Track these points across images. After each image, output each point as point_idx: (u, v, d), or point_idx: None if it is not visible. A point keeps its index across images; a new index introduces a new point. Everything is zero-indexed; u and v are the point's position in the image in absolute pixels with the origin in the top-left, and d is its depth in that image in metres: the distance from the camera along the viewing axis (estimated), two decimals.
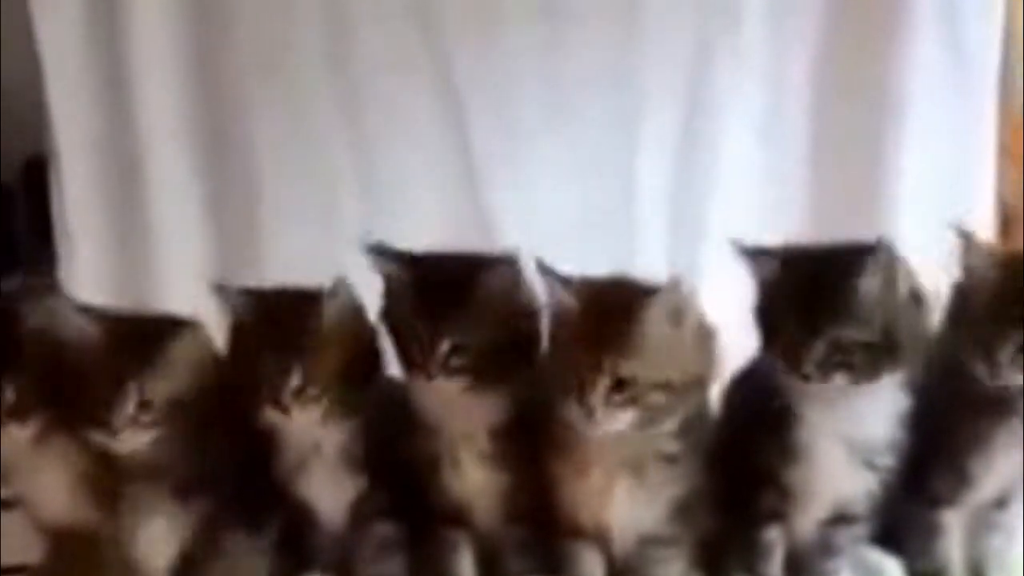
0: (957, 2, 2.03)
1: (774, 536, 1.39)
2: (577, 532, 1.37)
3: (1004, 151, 2.21)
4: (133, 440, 1.30)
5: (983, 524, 1.43)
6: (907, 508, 1.41)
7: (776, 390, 1.29)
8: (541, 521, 1.39)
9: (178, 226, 2.09)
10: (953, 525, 1.41)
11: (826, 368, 1.23)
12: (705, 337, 1.29)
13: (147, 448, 1.32)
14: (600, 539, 1.38)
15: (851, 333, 1.22)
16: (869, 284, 1.22)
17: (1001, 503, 1.42)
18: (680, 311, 1.24)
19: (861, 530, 1.39)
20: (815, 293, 1.23)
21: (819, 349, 1.22)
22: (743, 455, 1.36)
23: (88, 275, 2.06)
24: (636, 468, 1.31)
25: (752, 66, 2.08)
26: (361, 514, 1.42)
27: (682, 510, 1.35)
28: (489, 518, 1.41)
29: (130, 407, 1.28)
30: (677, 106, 2.09)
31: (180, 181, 2.08)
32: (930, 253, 1.32)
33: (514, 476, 1.37)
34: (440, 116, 2.06)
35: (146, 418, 1.29)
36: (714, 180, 2.11)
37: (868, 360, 1.23)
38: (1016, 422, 1.33)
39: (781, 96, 2.10)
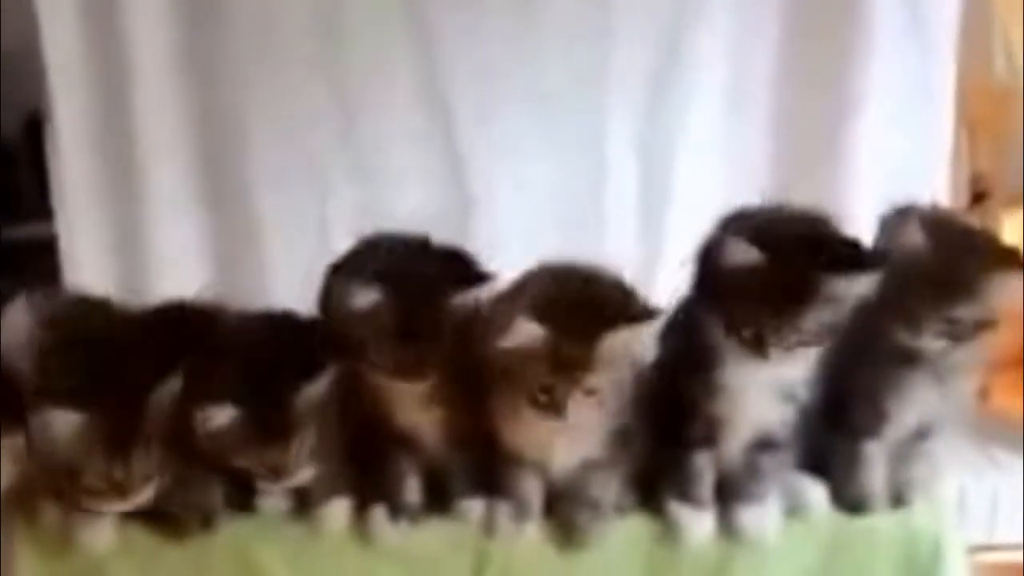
0: None
1: (704, 461, 1.45)
2: (518, 458, 1.44)
3: (978, 125, 2.26)
4: None
5: (906, 454, 1.49)
6: (832, 439, 1.47)
7: (703, 341, 1.36)
8: (484, 445, 1.44)
9: (170, 186, 2.17)
10: (875, 455, 1.47)
11: (788, 347, 1.29)
12: None
13: None
14: (539, 467, 1.44)
15: (821, 322, 1.28)
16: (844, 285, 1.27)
17: (923, 434, 1.48)
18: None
19: (785, 456, 1.45)
20: (791, 285, 1.27)
21: (791, 340, 1.28)
22: (674, 390, 1.41)
23: (84, 231, 2.15)
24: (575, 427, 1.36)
25: (718, 38, 2.15)
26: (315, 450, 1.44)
27: (618, 437, 1.41)
28: (434, 443, 1.46)
29: None
30: (646, 75, 2.16)
31: (173, 143, 2.15)
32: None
33: (453, 411, 1.42)
34: (423, 98, 2.15)
35: None
36: (680, 149, 2.18)
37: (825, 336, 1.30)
38: (924, 372, 1.39)
39: (746, 68, 2.16)
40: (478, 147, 2.14)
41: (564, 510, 1.46)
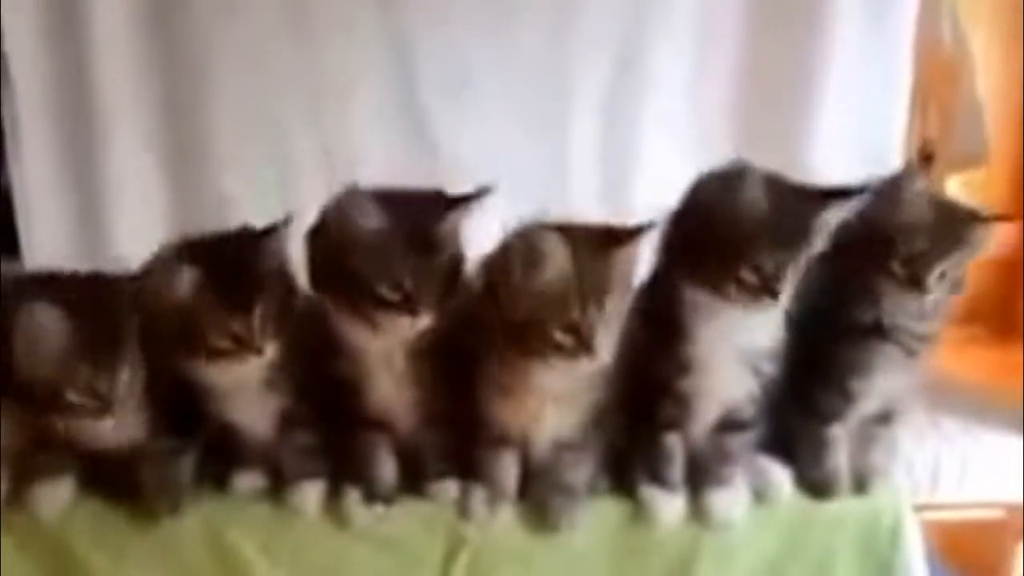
0: None
1: (674, 443, 1.47)
2: (496, 437, 1.45)
3: (928, 92, 2.29)
4: None
5: (867, 438, 1.54)
6: (797, 423, 1.51)
7: (672, 306, 1.38)
8: (458, 426, 1.46)
9: (131, 151, 2.12)
10: (840, 438, 1.51)
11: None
12: None
13: None
14: (517, 444, 1.46)
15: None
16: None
17: (884, 419, 1.53)
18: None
19: (750, 437, 1.49)
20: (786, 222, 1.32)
21: (788, 279, 1.31)
22: (644, 366, 1.42)
23: (42, 197, 2.09)
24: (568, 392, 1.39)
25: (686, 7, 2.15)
26: (285, 423, 1.47)
27: (596, 415, 1.43)
28: (409, 425, 1.47)
29: None
30: (613, 36, 2.15)
31: (135, 107, 2.10)
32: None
33: (432, 391, 1.43)
34: (388, 61, 2.12)
35: None
36: (646, 110, 2.17)
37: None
38: (891, 347, 1.44)
39: (711, 28, 2.17)
40: (444, 113, 2.10)
41: (538, 493, 1.48)
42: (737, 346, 1.39)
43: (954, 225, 1.39)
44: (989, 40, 2.39)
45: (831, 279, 1.39)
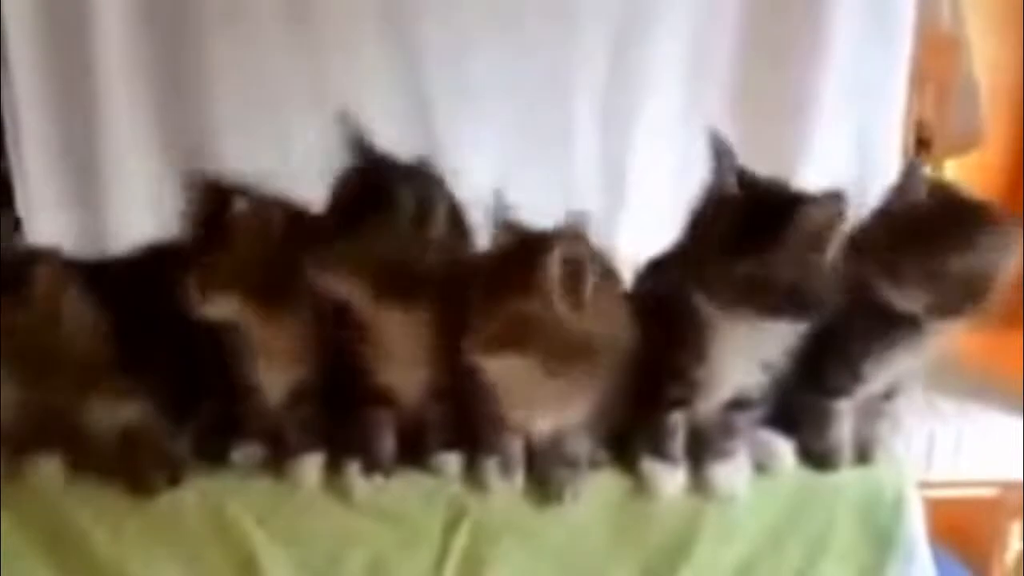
0: None
1: (677, 419, 1.46)
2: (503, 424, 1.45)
3: (925, 74, 2.29)
4: None
5: (871, 412, 1.53)
6: (802, 395, 1.49)
7: (686, 306, 1.36)
8: (463, 398, 1.44)
9: (130, 141, 2.07)
10: (844, 411, 1.50)
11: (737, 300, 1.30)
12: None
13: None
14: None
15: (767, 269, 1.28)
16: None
17: (888, 395, 1.53)
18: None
19: (757, 413, 1.48)
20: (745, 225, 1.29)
21: (738, 283, 1.29)
22: (649, 346, 1.39)
23: (40, 180, 2.06)
24: None
25: None
26: (297, 396, 1.47)
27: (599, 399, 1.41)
28: (412, 397, 1.46)
29: None
30: (612, 16, 2.13)
31: (132, 92, 2.05)
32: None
33: (440, 362, 1.41)
34: (389, 36, 2.07)
35: None
36: (645, 88, 2.16)
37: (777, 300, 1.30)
38: (911, 334, 1.41)
39: (711, 15, 2.15)
40: (444, 90, 2.09)
41: (540, 466, 1.47)
42: (749, 351, 1.39)
43: (952, 225, 1.34)
44: (985, 23, 2.39)
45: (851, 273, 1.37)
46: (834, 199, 1.27)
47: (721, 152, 1.34)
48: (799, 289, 1.28)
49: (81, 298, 1.35)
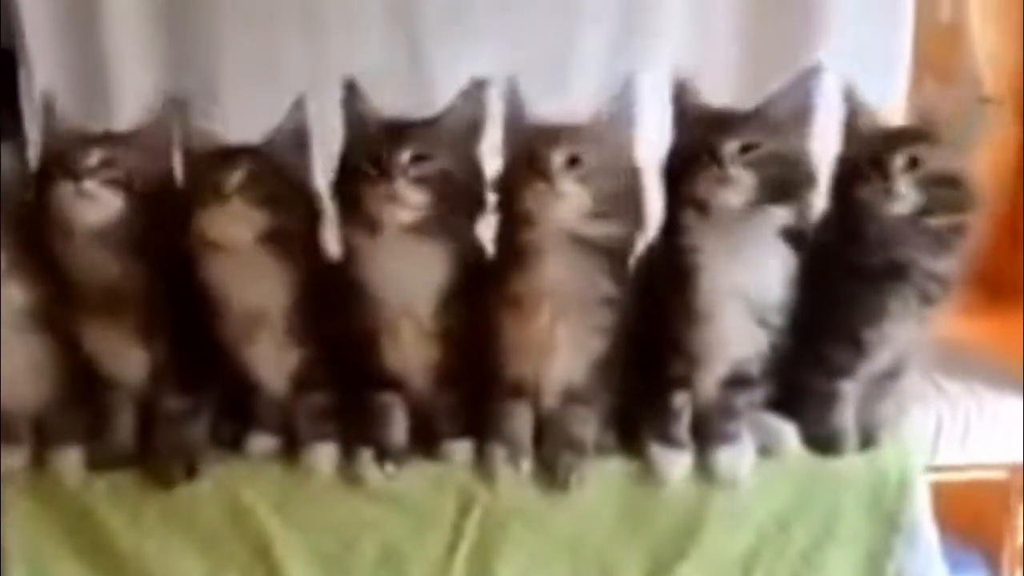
0: None
1: (682, 401, 1.49)
2: (510, 388, 1.47)
3: (924, 63, 2.30)
4: None
5: (875, 393, 1.54)
6: (805, 379, 1.52)
7: (680, 248, 1.38)
8: (472, 385, 1.48)
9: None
10: (849, 394, 1.52)
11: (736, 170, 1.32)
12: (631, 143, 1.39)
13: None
14: (530, 394, 1.48)
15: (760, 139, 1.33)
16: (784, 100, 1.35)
17: (892, 374, 1.54)
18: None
19: (757, 395, 1.50)
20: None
21: (733, 146, 1.32)
22: (652, 323, 1.44)
23: None
24: (579, 309, 1.39)
25: None
26: (302, 383, 1.49)
27: (606, 366, 1.45)
28: (422, 384, 1.49)
29: None
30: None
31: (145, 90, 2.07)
32: None
33: (450, 347, 1.44)
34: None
35: None
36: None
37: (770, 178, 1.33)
38: (907, 290, 1.42)
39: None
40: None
41: (547, 451, 1.50)
42: (744, 291, 1.39)
43: (914, 128, 1.44)
44: (985, 14, 2.40)
45: (836, 223, 1.42)
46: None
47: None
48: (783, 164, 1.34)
49: None
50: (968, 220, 1.40)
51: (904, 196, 1.36)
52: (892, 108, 2.17)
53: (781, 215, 1.36)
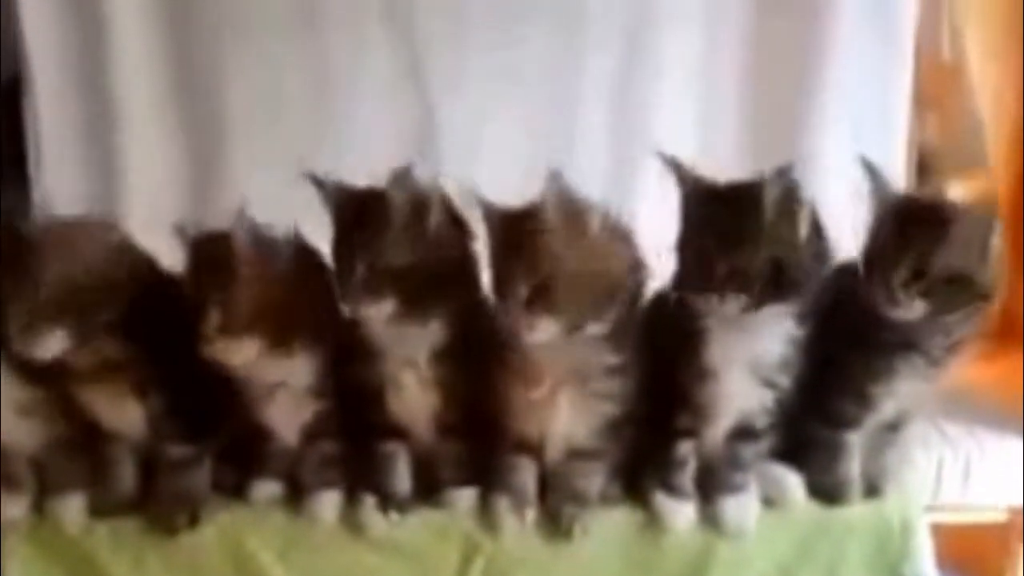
0: None
1: (686, 451, 1.49)
2: (515, 443, 1.47)
3: (926, 98, 2.31)
4: None
5: (880, 443, 1.55)
6: (811, 430, 1.52)
7: (689, 314, 1.37)
8: (476, 435, 1.48)
9: (147, 149, 2.14)
10: (854, 445, 1.52)
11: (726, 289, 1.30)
12: (616, 238, 1.35)
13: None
14: (534, 450, 1.47)
15: (744, 259, 1.29)
16: (765, 214, 1.29)
17: (896, 426, 1.54)
18: (578, 219, 1.30)
19: (763, 446, 1.50)
20: (721, 220, 1.31)
21: (722, 269, 1.30)
22: (659, 375, 1.43)
23: (60, 196, 2.09)
24: (581, 379, 1.39)
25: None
26: (313, 433, 1.49)
27: (612, 427, 1.45)
28: (426, 433, 1.49)
29: None
30: (621, 18, 2.15)
31: (150, 104, 2.12)
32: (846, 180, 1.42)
33: (452, 397, 1.44)
34: (395, 35, 2.12)
35: None
36: (655, 94, 2.18)
37: (760, 287, 1.30)
38: (914, 354, 1.42)
39: (719, 22, 2.17)
40: (453, 112, 2.12)
41: (552, 501, 1.50)
42: (749, 356, 1.39)
43: (917, 222, 1.33)
44: (986, 50, 2.41)
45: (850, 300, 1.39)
46: (783, 174, 1.29)
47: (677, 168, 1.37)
48: (779, 268, 1.30)
49: None
50: (983, 306, 1.38)
51: (911, 307, 1.34)
52: (895, 152, 2.20)
53: (784, 309, 1.36)
